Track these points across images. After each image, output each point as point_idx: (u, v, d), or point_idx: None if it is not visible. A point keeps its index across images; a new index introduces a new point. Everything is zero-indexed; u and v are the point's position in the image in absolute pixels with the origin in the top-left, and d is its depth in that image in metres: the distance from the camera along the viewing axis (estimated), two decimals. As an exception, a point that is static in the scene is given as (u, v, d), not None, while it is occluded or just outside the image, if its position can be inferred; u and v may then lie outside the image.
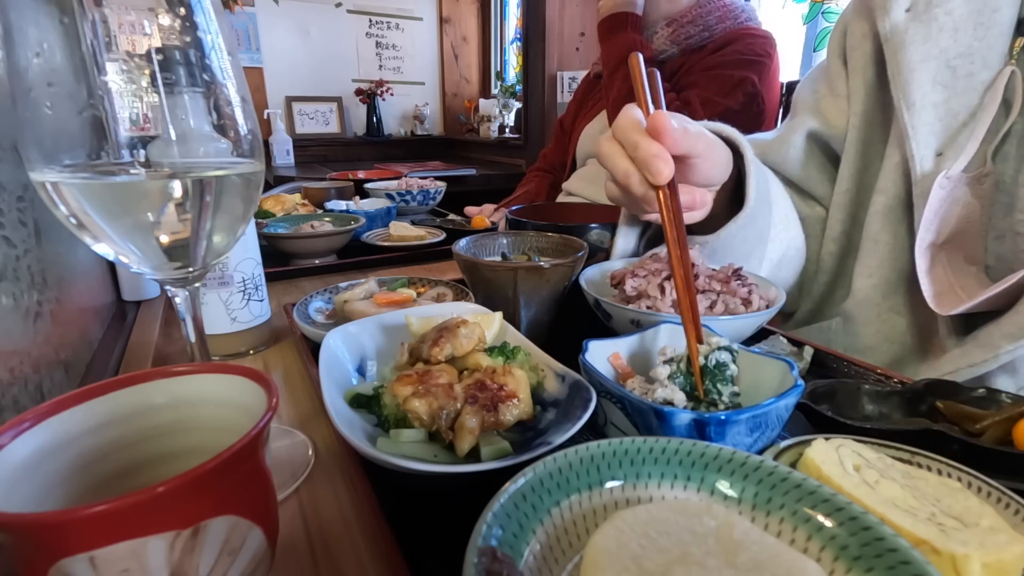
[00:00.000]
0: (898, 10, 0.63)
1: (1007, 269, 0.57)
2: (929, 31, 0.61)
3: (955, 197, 0.59)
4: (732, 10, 1.19)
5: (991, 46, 0.59)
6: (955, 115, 0.60)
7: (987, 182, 0.58)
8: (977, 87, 0.59)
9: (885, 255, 0.66)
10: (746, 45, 1.15)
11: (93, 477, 0.26)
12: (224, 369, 0.29)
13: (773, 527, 0.26)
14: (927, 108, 0.61)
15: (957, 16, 0.60)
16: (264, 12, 3.16)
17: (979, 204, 0.59)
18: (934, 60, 0.61)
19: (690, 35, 1.19)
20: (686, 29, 1.19)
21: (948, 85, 0.60)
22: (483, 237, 0.64)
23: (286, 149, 3.08)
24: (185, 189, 0.31)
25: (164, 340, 0.63)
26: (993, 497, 0.31)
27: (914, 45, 0.61)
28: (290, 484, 0.38)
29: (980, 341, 0.55)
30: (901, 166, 0.64)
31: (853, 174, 0.71)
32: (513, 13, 3.60)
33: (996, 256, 0.60)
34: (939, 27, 0.61)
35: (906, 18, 0.63)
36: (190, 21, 0.30)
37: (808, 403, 0.41)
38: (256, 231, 0.59)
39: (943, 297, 0.58)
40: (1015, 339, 0.52)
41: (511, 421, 0.36)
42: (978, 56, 0.59)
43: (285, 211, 1.11)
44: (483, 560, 0.21)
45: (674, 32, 1.19)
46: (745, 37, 1.17)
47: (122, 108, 0.29)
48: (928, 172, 0.60)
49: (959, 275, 0.59)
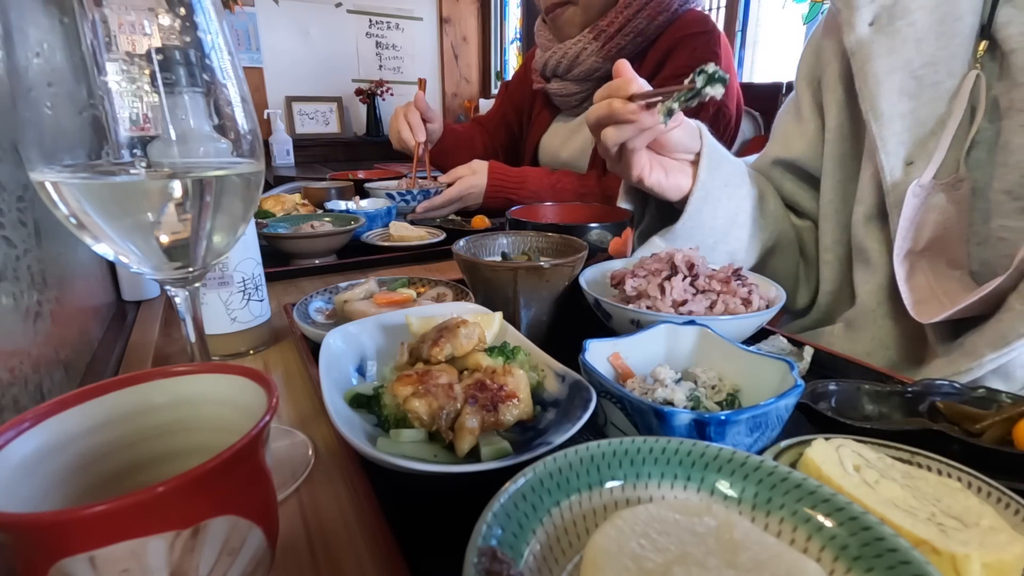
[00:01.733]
0: (862, 25, 0.65)
1: (992, 274, 0.56)
2: (893, 43, 0.62)
3: (930, 204, 0.59)
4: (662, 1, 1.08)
5: (954, 54, 0.60)
6: (923, 124, 0.61)
7: (962, 187, 0.59)
8: (943, 95, 0.60)
9: (875, 262, 0.67)
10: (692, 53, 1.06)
11: (93, 477, 0.26)
12: (224, 369, 0.29)
13: (773, 527, 0.26)
14: (895, 119, 0.62)
15: (919, 27, 0.61)
16: (264, 12, 3.16)
17: (956, 210, 0.59)
18: (899, 71, 0.62)
19: (622, 46, 1.10)
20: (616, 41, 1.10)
21: (914, 95, 0.61)
22: (483, 237, 0.64)
23: (286, 149, 3.08)
24: (185, 189, 0.31)
25: (164, 340, 0.63)
26: (993, 497, 0.31)
27: (879, 58, 0.63)
28: (290, 484, 0.38)
29: (965, 349, 0.55)
30: (876, 176, 0.65)
31: (835, 185, 0.73)
32: (513, 13, 3.60)
33: (980, 261, 0.60)
34: (902, 39, 0.62)
35: (870, 31, 0.64)
36: (190, 21, 0.30)
37: (808, 403, 0.41)
38: (256, 231, 0.59)
39: (924, 305, 0.58)
40: (997, 348, 0.52)
41: (511, 421, 0.36)
42: (942, 65, 0.60)
43: (285, 211, 1.11)
44: (483, 560, 0.21)
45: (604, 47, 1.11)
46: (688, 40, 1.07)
47: (122, 108, 0.29)
48: (899, 181, 0.61)
49: (942, 280, 0.60)
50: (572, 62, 1.16)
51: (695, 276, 0.52)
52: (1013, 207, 0.56)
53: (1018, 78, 0.55)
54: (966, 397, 0.41)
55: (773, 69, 2.12)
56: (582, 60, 1.15)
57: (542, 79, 1.28)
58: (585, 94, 1.21)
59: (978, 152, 0.59)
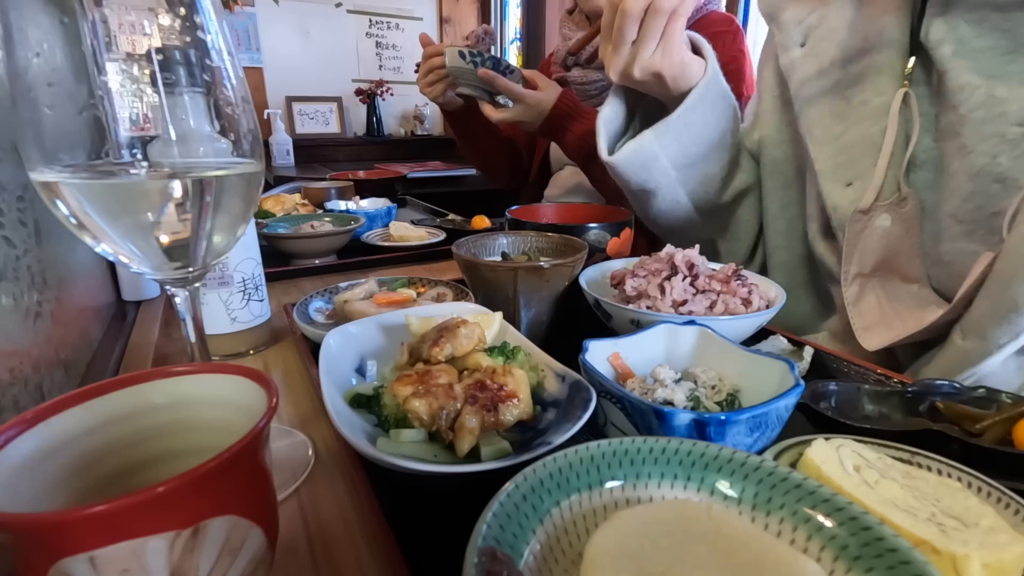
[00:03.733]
0: (794, 47, 0.65)
1: (950, 292, 0.54)
2: (821, 63, 0.62)
3: (873, 227, 0.58)
4: None
5: (880, 71, 0.58)
6: (855, 145, 0.60)
7: (907, 205, 0.57)
8: (871, 114, 0.59)
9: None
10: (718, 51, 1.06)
11: (93, 477, 0.26)
12: (224, 369, 0.29)
13: (773, 527, 0.26)
14: (828, 141, 0.61)
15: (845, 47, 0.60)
16: (264, 12, 3.16)
17: (904, 227, 0.57)
18: (829, 93, 0.61)
19: None
20: None
21: (844, 115, 0.60)
22: (483, 237, 0.64)
23: (286, 149, 3.07)
24: (185, 189, 0.31)
25: (164, 340, 0.63)
26: (993, 497, 0.31)
27: (809, 81, 0.63)
28: (290, 484, 0.38)
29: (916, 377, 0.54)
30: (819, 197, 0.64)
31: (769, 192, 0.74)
32: (513, 13, 3.60)
33: (936, 280, 0.57)
34: (830, 59, 0.61)
35: (801, 53, 0.64)
36: (190, 21, 0.30)
37: (808, 403, 0.41)
38: (256, 231, 0.59)
39: (871, 331, 0.58)
40: None
41: (511, 421, 0.36)
42: (869, 83, 0.59)
43: (285, 211, 1.11)
44: (483, 560, 0.21)
45: None
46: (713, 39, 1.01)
47: (122, 108, 0.29)
48: (839, 204, 0.61)
49: (894, 301, 0.58)
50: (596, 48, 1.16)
51: (695, 276, 0.52)
52: (959, 230, 0.53)
53: (952, 100, 0.52)
54: (966, 397, 0.41)
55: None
56: None
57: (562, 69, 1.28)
58: (606, 83, 1.20)
59: (925, 172, 0.57)
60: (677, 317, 0.48)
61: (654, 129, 0.67)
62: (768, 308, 0.51)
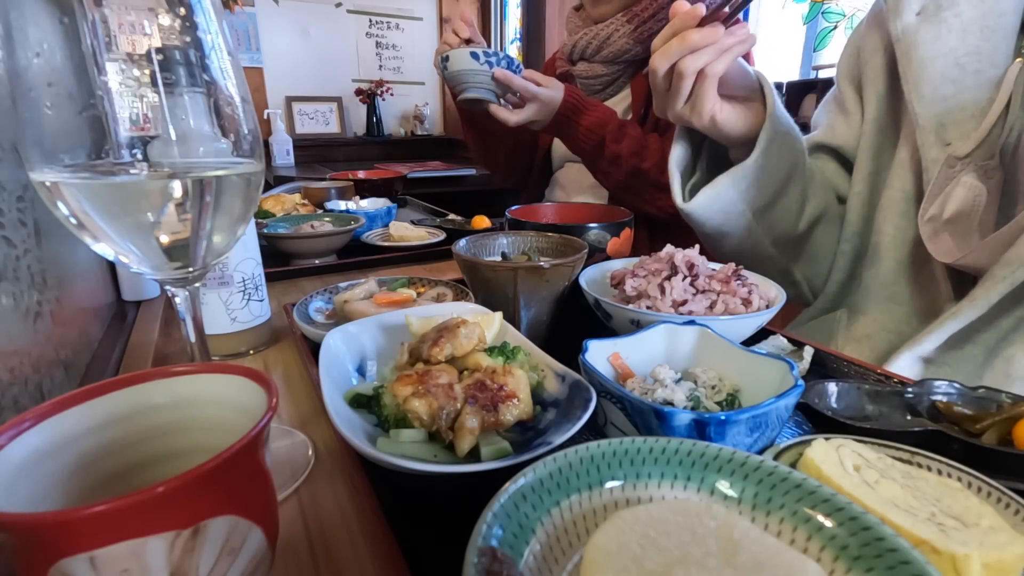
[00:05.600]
0: (909, 13, 0.66)
1: None
2: (939, 31, 0.64)
3: (960, 180, 0.60)
4: None
5: (996, 47, 0.61)
6: (963, 108, 0.62)
7: (995, 176, 0.59)
8: (984, 83, 0.61)
9: (886, 246, 0.68)
10: None
11: (93, 477, 0.26)
12: (224, 369, 0.29)
13: (773, 527, 0.26)
14: (937, 101, 0.63)
15: (965, 19, 0.62)
16: (264, 12, 3.16)
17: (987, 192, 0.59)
18: (943, 57, 0.63)
19: (654, 31, 1.09)
20: (648, 25, 1.10)
21: (957, 80, 0.62)
22: (483, 237, 0.64)
23: (286, 149, 3.07)
24: (185, 189, 0.31)
25: (164, 340, 0.63)
26: (993, 497, 0.31)
27: (925, 44, 0.64)
28: (290, 484, 0.38)
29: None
30: (908, 161, 0.66)
31: (865, 177, 0.74)
32: (513, 13, 3.60)
33: None
34: (948, 28, 0.63)
35: (917, 20, 0.66)
36: (190, 21, 0.30)
37: (808, 403, 0.41)
38: (256, 231, 0.59)
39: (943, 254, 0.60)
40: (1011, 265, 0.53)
41: (511, 421, 0.36)
42: (985, 55, 0.61)
43: (285, 211, 1.11)
44: (483, 560, 0.21)
45: (636, 30, 1.11)
46: None
47: (122, 108, 0.29)
48: (935, 158, 0.62)
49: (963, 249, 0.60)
50: (602, 43, 1.15)
51: (695, 276, 0.52)
52: None
53: None
54: (966, 397, 0.41)
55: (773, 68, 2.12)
56: (612, 41, 1.14)
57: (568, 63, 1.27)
58: (611, 77, 1.20)
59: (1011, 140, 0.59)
60: (677, 317, 0.48)
61: (731, 175, 0.67)
62: (768, 308, 0.51)
